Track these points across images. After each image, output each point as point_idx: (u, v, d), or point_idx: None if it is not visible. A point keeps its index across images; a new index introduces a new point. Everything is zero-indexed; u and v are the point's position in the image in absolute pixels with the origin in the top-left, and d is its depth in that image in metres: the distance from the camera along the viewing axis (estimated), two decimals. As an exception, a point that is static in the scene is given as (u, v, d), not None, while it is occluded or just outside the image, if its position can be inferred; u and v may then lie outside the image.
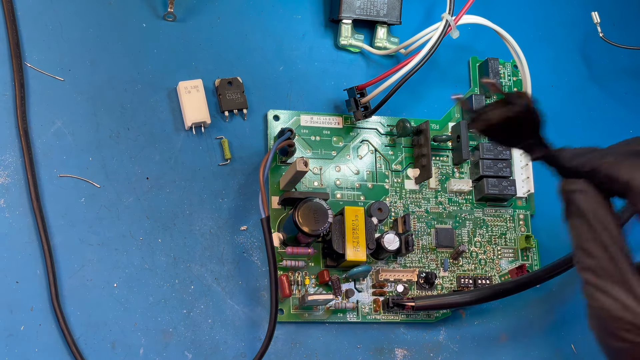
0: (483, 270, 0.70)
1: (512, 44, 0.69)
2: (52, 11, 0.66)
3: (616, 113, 0.78)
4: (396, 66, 0.65)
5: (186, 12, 0.70)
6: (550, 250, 0.71)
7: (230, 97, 0.67)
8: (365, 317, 0.66)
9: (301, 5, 0.73)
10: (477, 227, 0.70)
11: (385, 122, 0.71)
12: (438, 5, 0.76)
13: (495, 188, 0.69)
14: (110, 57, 0.67)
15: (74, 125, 0.65)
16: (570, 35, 0.79)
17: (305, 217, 0.61)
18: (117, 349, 0.61)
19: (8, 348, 0.59)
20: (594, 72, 0.78)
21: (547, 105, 0.76)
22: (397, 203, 0.69)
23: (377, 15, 0.71)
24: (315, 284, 0.65)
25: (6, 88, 0.64)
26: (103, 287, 0.62)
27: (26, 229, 0.62)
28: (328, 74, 0.72)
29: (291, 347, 0.65)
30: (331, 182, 0.68)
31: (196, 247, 0.65)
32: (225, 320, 0.64)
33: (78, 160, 0.64)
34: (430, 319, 0.67)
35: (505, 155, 0.70)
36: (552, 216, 0.73)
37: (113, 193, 0.64)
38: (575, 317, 0.71)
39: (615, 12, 0.80)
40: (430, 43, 0.65)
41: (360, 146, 0.70)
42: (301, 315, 0.65)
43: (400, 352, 0.67)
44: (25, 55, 0.65)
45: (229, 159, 0.67)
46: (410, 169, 0.70)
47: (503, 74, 0.74)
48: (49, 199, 0.63)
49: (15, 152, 0.63)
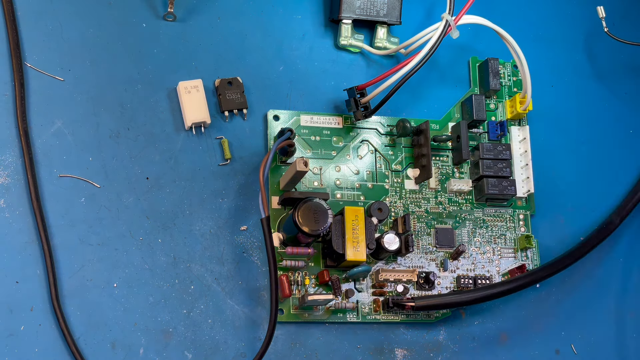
0: (483, 270, 0.70)
1: (512, 43, 0.69)
2: (52, 11, 0.66)
3: (618, 112, 0.78)
4: (396, 66, 0.65)
5: (186, 12, 0.70)
6: (550, 250, 0.71)
7: (230, 97, 0.67)
8: (365, 317, 0.66)
9: (301, 5, 0.73)
10: (477, 227, 0.70)
11: (385, 122, 0.71)
12: (438, 5, 0.76)
13: (495, 188, 0.69)
14: (110, 57, 0.67)
15: (74, 125, 0.65)
16: (571, 33, 0.79)
17: (305, 217, 0.61)
18: (117, 349, 0.61)
19: (8, 348, 0.59)
20: (597, 69, 0.78)
21: (547, 105, 0.77)
22: (397, 203, 0.69)
23: (377, 15, 0.71)
24: (315, 284, 0.65)
25: (6, 88, 0.64)
26: (103, 287, 0.62)
27: (26, 229, 0.62)
28: (328, 74, 0.72)
29: (291, 347, 0.65)
30: (331, 182, 0.68)
31: (196, 247, 0.65)
32: (225, 320, 0.64)
33: (78, 160, 0.64)
34: (430, 319, 0.67)
35: (505, 155, 0.70)
36: (552, 216, 0.73)
37: (113, 193, 0.64)
38: (575, 317, 0.71)
39: (620, 7, 0.80)
40: (430, 43, 0.65)
41: (360, 146, 0.70)
42: (301, 315, 0.65)
43: (400, 352, 0.67)
44: (25, 55, 0.65)
45: (229, 159, 0.67)
46: (410, 169, 0.70)
47: (503, 74, 0.74)
48: (49, 199, 0.63)
49: (15, 152, 0.63)
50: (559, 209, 0.74)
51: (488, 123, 0.72)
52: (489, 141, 0.72)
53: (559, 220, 0.73)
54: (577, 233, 0.73)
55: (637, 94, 0.78)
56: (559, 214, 0.73)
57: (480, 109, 0.71)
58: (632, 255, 0.74)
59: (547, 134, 0.75)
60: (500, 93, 0.74)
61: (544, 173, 0.73)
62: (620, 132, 0.77)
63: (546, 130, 0.75)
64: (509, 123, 0.73)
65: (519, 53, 0.69)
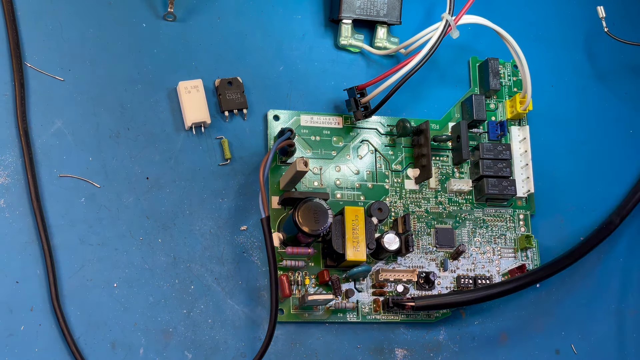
0: (483, 270, 0.70)
1: (512, 43, 0.69)
2: (52, 11, 0.66)
3: (619, 112, 0.78)
4: (396, 66, 0.65)
5: (186, 12, 0.70)
6: (550, 250, 0.71)
7: (230, 97, 0.67)
8: (365, 317, 0.66)
9: (301, 5, 0.73)
10: (477, 227, 0.70)
11: (385, 122, 0.71)
12: (438, 5, 0.76)
13: (495, 188, 0.69)
14: (110, 57, 0.67)
15: (74, 125, 0.65)
16: (572, 33, 0.79)
17: (305, 217, 0.61)
18: (117, 349, 0.61)
19: (8, 348, 0.59)
20: (597, 69, 0.78)
21: (547, 105, 0.77)
22: (397, 203, 0.69)
23: (377, 15, 0.71)
24: (315, 284, 0.65)
25: (6, 88, 0.64)
26: (103, 287, 0.62)
27: (26, 229, 0.62)
28: (328, 74, 0.72)
29: (291, 347, 0.65)
30: (331, 182, 0.68)
31: (196, 247, 0.65)
32: (225, 320, 0.64)
33: (78, 160, 0.64)
34: (430, 319, 0.67)
35: (505, 155, 0.70)
36: (552, 216, 0.73)
37: (113, 193, 0.64)
38: (575, 317, 0.71)
39: (620, 7, 0.80)
40: (430, 43, 0.65)
41: (360, 146, 0.70)
42: (301, 315, 0.65)
43: (400, 352, 0.67)
44: (25, 55, 0.65)
45: (229, 159, 0.67)
46: (410, 169, 0.70)
47: (503, 74, 0.74)
48: (49, 199, 0.63)
49: (15, 152, 0.63)
50: (559, 209, 0.74)
51: (488, 123, 0.72)
52: (489, 141, 0.72)
53: (559, 220, 0.73)
54: (577, 233, 0.73)
55: (637, 94, 0.78)
56: (559, 214, 0.73)
57: (480, 108, 0.71)
58: (632, 255, 0.74)
59: (547, 134, 0.75)
60: (500, 93, 0.74)
61: (544, 173, 0.73)
62: (620, 132, 0.77)
63: (546, 130, 0.75)
64: (509, 123, 0.73)
65: (519, 53, 0.69)
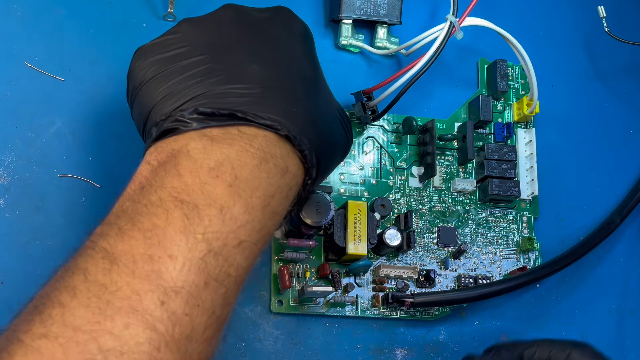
0: (484, 271, 0.70)
1: (516, 45, 0.68)
2: (52, 11, 0.66)
3: (618, 112, 0.78)
4: (403, 69, 0.65)
5: (186, 12, 0.69)
6: (551, 251, 0.71)
7: (231, 97, 0.67)
8: (364, 312, 0.66)
9: (301, 5, 0.73)
10: (479, 228, 0.70)
11: (392, 120, 0.71)
12: (438, 5, 0.76)
13: (499, 189, 0.69)
14: (110, 57, 0.67)
15: (74, 125, 0.64)
16: (571, 33, 0.79)
17: (307, 209, 0.61)
18: (118, 350, 0.61)
19: (8, 348, 0.59)
20: (597, 69, 0.78)
21: (547, 105, 0.76)
22: (400, 200, 0.69)
23: (377, 15, 0.71)
24: (315, 276, 0.66)
25: (6, 88, 0.64)
26: (104, 288, 0.62)
27: (26, 229, 0.61)
28: (328, 74, 0.71)
29: (291, 347, 0.65)
30: (335, 177, 0.68)
31: (197, 247, 0.64)
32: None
33: (78, 160, 0.64)
34: (429, 316, 0.67)
35: (511, 156, 0.70)
36: (552, 216, 0.73)
37: (113, 193, 0.64)
38: (575, 317, 0.71)
39: (620, 7, 0.80)
40: (436, 45, 0.64)
41: (365, 142, 0.70)
42: (300, 307, 0.65)
43: (400, 352, 0.67)
44: (25, 55, 0.65)
45: (229, 159, 0.67)
46: (415, 167, 0.70)
47: (511, 77, 0.74)
48: (49, 199, 0.62)
49: (15, 152, 0.63)
50: (559, 209, 0.74)
51: (494, 124, 0.72)
52: (494, 142, 0.72)
53: (559, 221, 0.73)
54: (577, 233, 0.73)
55: (637, 94, 0.79)
56: (559, 214, 0.73)
57: (487, 109, 0.71)
58: (632, 255, 0.74)
59: (547, 134, 0.75)
60: (508, 95, 0.74)
61: (549, 176, 0.73)
62: (620, 132, 0.77)
63: (546, 130, 0.75)
64: (516, 125, 0.73)
65: (524, 55, 0.68)
